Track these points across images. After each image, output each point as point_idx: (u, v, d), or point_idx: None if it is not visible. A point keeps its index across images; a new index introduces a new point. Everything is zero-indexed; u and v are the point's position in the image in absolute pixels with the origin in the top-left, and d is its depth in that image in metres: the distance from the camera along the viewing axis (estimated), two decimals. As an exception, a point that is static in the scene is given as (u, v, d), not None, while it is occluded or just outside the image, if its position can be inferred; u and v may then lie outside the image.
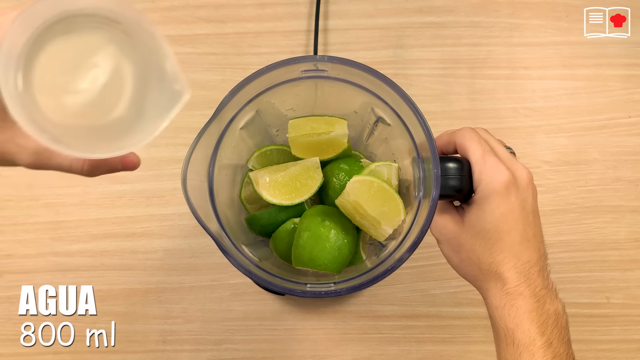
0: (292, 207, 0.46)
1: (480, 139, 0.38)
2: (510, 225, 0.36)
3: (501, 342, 0.35)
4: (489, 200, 0.36)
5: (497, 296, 0.36)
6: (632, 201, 0.61)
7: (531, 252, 0.36)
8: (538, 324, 0.34)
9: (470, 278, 0.39)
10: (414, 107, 0.38)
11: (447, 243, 0.39)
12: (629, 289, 0.60)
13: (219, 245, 0.37)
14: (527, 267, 0.36)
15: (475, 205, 0.37)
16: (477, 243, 0.36)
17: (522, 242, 0.36)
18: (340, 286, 0.39)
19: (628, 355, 0.59)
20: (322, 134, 0.46)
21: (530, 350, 0.34)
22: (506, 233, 0.36)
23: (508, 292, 0.35)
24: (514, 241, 0.36)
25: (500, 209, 0.36)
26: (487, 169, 0.36)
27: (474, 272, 0.37)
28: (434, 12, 0.65)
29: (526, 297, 0.35)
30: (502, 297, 0.35)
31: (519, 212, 0.36)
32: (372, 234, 0.42)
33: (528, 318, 0.34)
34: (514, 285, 0.35)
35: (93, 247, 0.60)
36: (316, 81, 0.43)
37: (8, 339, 0.59)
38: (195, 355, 0.59)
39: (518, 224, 0.36)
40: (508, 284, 0.35)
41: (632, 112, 0.63)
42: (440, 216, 0.39)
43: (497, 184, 0.35)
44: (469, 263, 0.37)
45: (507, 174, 0.36)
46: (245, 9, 0.65)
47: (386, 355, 0.59)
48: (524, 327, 0.34)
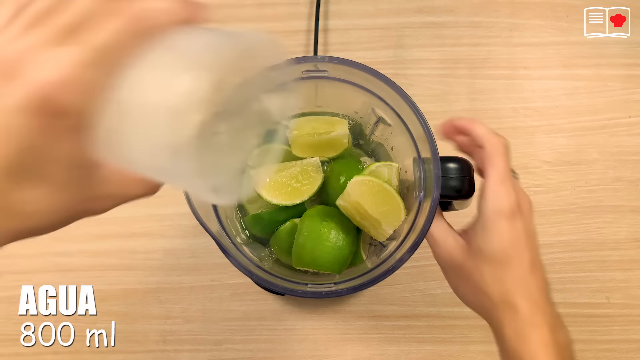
0: (293, 207, 0.46)
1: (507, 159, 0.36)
2: (519, 254, 0.35)
3: None
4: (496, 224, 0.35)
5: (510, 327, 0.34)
6: (632, 201, 0.61)
7: (539, 279, 0.36)
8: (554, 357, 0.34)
9: (479, 308, 0.37)
10: (414, 107, 0.38)
11: (454, 271, 0.37)
12: (629, 289, 0.60)
13: (220, 245, 0.37)
14: (537, 295, 0.35)
15: (481, 228, 0.36)
16: (486, 269, 0.35)
17: (531, 270, 0.35)
18: (341, 286, 0.39)
19: (628, 355, 0.59)
20: (323, 134, 0.46)
21: None
22: (515, 261, 0.35)
23: (522, 322, 0.34)
24: (523, 269, 0.35)
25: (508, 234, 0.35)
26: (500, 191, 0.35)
27: (483, 302, 0.36)
28: (434, 12, 0.65)
29: (540, 328, 0.34)
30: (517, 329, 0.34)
31: (525, 240, 0.35)
32: (372, 234, 0.42)
33: (544, 352, 0.33)
34: (527, 316, 0.34)
35: (93, 247, 0.60)
36: (317, 81, 0.43)
37: (8, 339, 0.59)
38: (195, 355, 0.59)
39: (526, 251, 0.35)
40: (521, 314, 0.34)
41: (632, 112, 0.63)
42: (445, 244, 0.37)
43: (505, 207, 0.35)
44: (478, 292, 0.36)
45: (514, 201, 0.35)
46: (245, 9, 0.65)
47: (386, 355, 0.59)
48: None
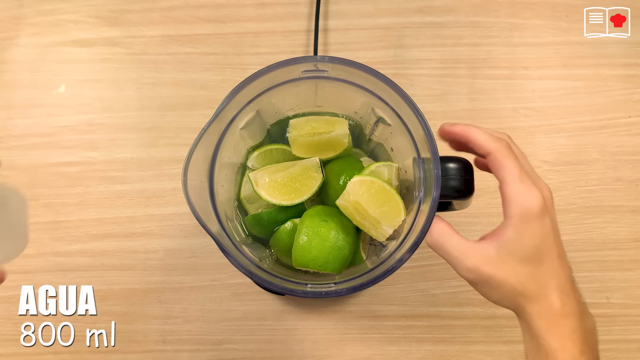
0: (292, 207, 0.46)
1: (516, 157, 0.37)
2: (549, 248, 0.36)
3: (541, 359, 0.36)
4: (527, 226, 0.35)
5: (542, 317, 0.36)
6: (632, 201, 0.61)
7: (566, 268, 0.37)
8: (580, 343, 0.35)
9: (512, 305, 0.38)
10: (414, 107, 0.38)
11: (486, 284, 0.37)
12: (629, 289, 0.60)
13: (219, 245, 0.37)
14: (567, 286, 0.36)
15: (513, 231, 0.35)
16: (521, 271, 0.36)
17: (559, 262, 0.36)
18: (341, 286, 0.39)
19: (628, 355, 0.59)
20: (323, 134, 0.46)
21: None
22: (547, 255, 0.36)
23: (555, 313, 0.35)
24: (554, 262, 0.36)
25: (539, 233, 0.35)
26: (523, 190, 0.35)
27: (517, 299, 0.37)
28: (434, 12, 0.65)
29: (570, 317, 0.35)
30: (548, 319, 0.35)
31: (553, 233, 0.36)
32: (372, 234, 0.42)
33: (571, 338, 0.35)
34: (559, 307, 0.35)
35: (93, 247, 0.60)
36: (316, 81, 0.43)
37: (8, 339, 0.59)
38: (195, 355, 0.59)
39: (555, 245, 0.36)
40: (554, 306, 0.35)
41: (632, 112, 0.63)
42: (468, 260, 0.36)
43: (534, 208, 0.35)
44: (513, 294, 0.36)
45: (540, 197, 0.35)
46: (245, 9, 0.65)
47: (386, 355, 0.59)
48: (567, 347, 0.35)
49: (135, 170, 0.62)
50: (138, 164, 0.62)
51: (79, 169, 0.62)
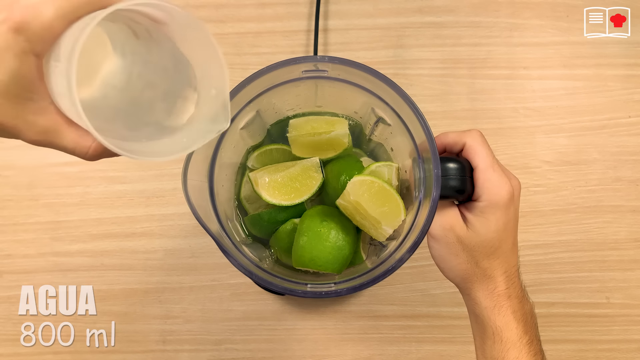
0: (292, 207, 0.46)
1: (489, 146, 0.39)
2: (507, 234, 0.39)
3: (488, 339, 0.39)
4: (494, 211, 0.38)
5: (487, 297, 0.39)
6: (632, 201, 0.61)
7: (515, 257, 0.40)
8: (523, 323, 0.38)
9: (459, 280, 0.40)
10: (414, 107, 0.38)
11: (447, 246, 0.39)
12: (629, 289, 0.60)
13: (219, 245, 0.37)
14: (513, 271, 0.39)
15: (480, 214, 0.38)
16: (478, 250, 0.38)
17: (512, 249, 0.39)
18: (341, 286, 0.39)
19: (628, 355, 0.59)
20: (323, 134, 0.46)
21: (517, 347, 0.37)
22: (504, 241, 0.39)
23: (499, 294, 0.38)
24: (507, 248, 0.39)
25: (503, 219, 0.38)
26: (495, 178, 0.38)
27: (466, 275, 0.39)
28: (434, 12, 0.65)
29: (512, 299, 0.38)
30: (493, 299, 0.38)
31: (513, 222, 0.39)
32: (372, 234, 0.42)
33: (514, 318, 0.38)
34: (504, 289, 0.39)
35: (93, 247, 0.60)
36: (316, 81, 0.43)
37: (8, 339, 0.59)
38: (195, 355, 0.59)
39: (512, 233, 0.39)
40: (499, 287, 0.39)
41: (632, 112, 0.63)
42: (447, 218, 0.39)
43: (503, 197, 0.38)
44: (464, 267, 0.39)
45: (510, 187, 0.38)
46: (245, 9, 0.65)
47: (386, 355, 0.59)
48: (511, 326, 0.38)
49: (136, 170, 0.62)
50: (138, 163, 0.62)
51: (79, 169, 0.62)
